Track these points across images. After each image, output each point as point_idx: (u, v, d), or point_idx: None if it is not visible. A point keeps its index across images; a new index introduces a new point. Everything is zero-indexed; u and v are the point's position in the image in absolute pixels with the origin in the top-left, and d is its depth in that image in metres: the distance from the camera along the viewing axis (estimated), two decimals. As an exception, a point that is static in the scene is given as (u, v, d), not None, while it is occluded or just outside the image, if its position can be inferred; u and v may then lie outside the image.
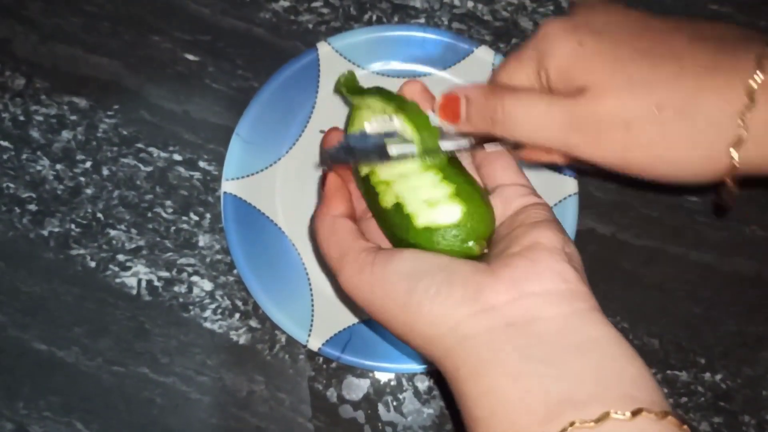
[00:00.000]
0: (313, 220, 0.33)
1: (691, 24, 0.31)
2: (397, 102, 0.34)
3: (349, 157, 0.34)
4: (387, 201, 0.32)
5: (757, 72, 0.27)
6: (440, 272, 0.28)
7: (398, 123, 0.34)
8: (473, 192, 0.32)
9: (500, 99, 0.31)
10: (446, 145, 0.33)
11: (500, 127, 0.31)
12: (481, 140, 0.33)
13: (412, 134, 0.33)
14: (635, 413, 0.24)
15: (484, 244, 0.31)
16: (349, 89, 0.36)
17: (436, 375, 0.45)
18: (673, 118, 0.28)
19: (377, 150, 0.33)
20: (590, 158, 0.30)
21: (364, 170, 0.34)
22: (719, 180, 0.30)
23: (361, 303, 0.30)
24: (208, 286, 0.46)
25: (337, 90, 0.37)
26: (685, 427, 0.25)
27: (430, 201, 0.31)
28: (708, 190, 0.32)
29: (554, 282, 0.27)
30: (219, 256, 0.47)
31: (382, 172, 0.33)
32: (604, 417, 0.24)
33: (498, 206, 0.32)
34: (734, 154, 0.28)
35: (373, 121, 0.34)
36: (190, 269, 0.47)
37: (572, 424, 0.24)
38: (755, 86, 0.27)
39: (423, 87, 0.35)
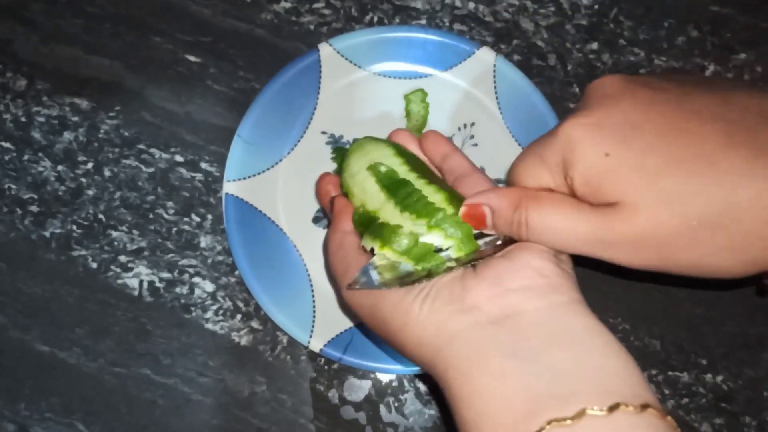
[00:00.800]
0: (326, 236, 0.36)
1: (724, 105, 0.28)
2: (426, 210, 0.32)
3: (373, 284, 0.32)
4: None
5: None
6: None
7: (435, 239, 0.31)
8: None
9: (525, 212, 0.30)
10: (480, 244, 0.32)
11: (527, 238, 0.31)
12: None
13: (455, 250, 0.31)
14: (612, 408, 0.24)
15: None
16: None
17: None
18: (710, 232, 0.27)
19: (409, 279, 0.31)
20: (625, 265, 0.29)
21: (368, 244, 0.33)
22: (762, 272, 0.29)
23: (360, 313, 0.32)
24: (209, 287, 0.46)
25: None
26: (669, 418, 0.25)
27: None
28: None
29: (532, 278, 0.28)
30: (220, 258, 0.47)
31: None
32: (580, 414, 0.24)
33: None
34: None
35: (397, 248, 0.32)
36: (191, 270, 0.47)
37: (550, 422, 0.24)
38: None
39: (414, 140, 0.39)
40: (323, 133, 0.48)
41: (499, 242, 0.32)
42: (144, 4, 0.50)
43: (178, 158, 0.48)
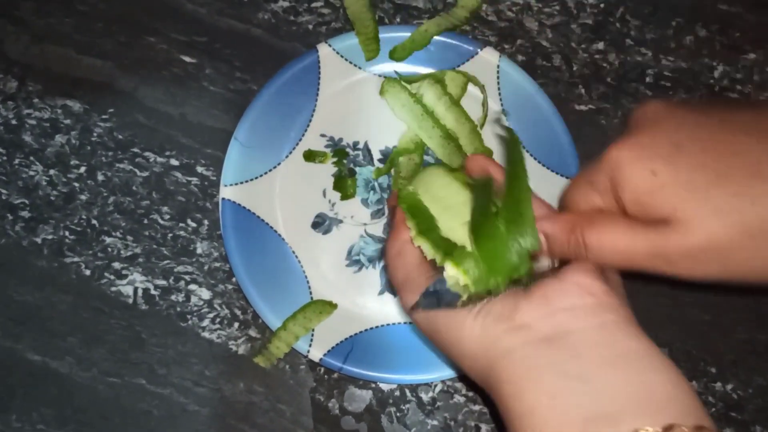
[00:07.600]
0: (386, 243, 0.37)
1: (764, 120, 0.30)
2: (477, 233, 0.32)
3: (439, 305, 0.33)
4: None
5: None
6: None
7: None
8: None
9: (581, 234, 0.31)
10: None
11: (584, 258, 0.31)
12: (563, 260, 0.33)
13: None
14: (666, 429, 0.24)
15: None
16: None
17: (440, 386, 0.44)
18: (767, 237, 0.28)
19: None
20: (687, 278, 0.30)
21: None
22: None
23: (417, 325, 0.34)
24: (206, 294, 0.45)
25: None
26: None
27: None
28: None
29: (580, 296, 0.29)
30: (217, 264, 0.46)
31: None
32: None
33: None
34: None
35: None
36: (187, 277, 0.45)
37: None
38: None
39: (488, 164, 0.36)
40: (322, 135, 0.47)
41: (554, 265, 0.33)
42: (137, 3, 0.49)
43: (174, 162, 0.47)
